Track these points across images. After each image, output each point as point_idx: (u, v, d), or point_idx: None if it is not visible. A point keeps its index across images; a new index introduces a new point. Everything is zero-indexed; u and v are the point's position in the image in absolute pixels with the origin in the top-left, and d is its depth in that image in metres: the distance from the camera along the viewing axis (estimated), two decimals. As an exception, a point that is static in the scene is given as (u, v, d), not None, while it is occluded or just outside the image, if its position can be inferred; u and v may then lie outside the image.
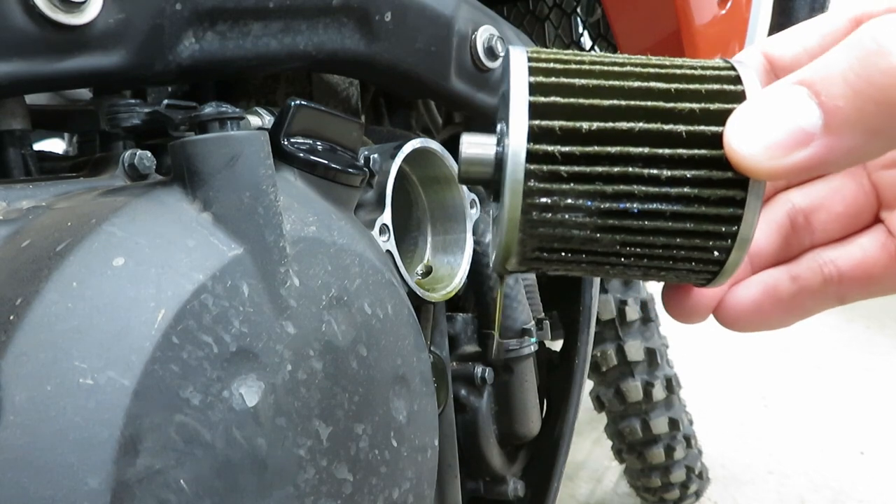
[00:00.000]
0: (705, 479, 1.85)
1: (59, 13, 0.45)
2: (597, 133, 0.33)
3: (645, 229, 0.34)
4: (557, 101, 0.33)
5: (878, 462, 2.03)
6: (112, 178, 0.52)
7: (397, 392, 0.56)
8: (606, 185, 0.33)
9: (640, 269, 0.36)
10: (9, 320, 0.39)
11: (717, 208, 0.33)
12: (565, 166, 0.33)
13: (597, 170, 0.33)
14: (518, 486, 0.90)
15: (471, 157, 0.36)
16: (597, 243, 0.34)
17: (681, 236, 0.34)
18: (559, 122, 0.33)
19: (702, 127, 0.33)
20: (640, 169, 0.33)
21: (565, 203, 0.33)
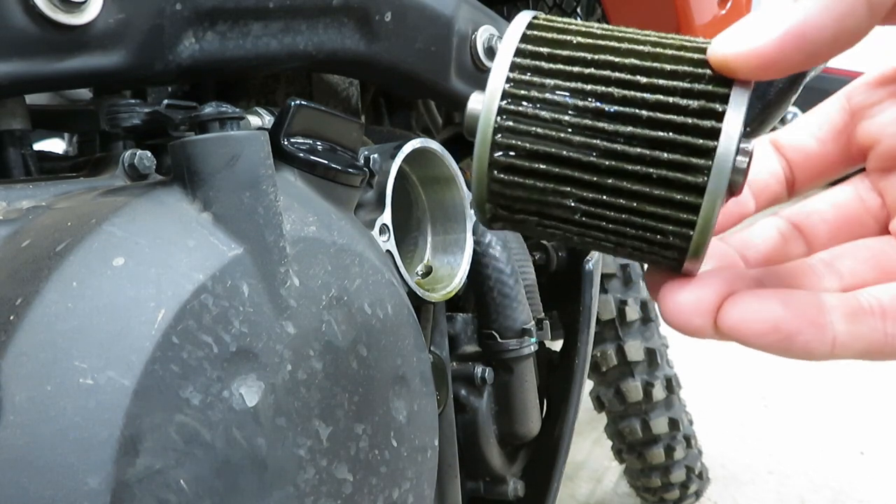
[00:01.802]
0: (705, 479, 1.84)
1: (59, 13, 0.45)
2: (586, 45, 0.34)
3: (620, 133, 0.32)
4: (556, 25, 0.35)
5: (878, 462, 2.03)
6: (112, 178, 0.52)
7: (397, 392, 0.56)
8: (585, 83, 0.33)
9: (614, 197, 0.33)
10: (9, 320, 0.39)
11: (697, 119, 0.32)
12: (549, 63, 0.34)
13: (578, 69, 0.33)
14: (518, 486, 0.90)
15: (473, 110, 0.36)
16: (569, 145, 0.33)
17: (658, 147, 0.32)
18: (553, 34, 0.34)
19: (688, 54, 0.33)
20: (621, 74, 0.33)
21: (542, 96, 0.33)
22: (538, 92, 0.33)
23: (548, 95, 0.33)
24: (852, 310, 0.31)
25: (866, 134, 0.38)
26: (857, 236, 0.39)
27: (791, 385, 2.59)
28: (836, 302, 0.32)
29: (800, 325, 0.31)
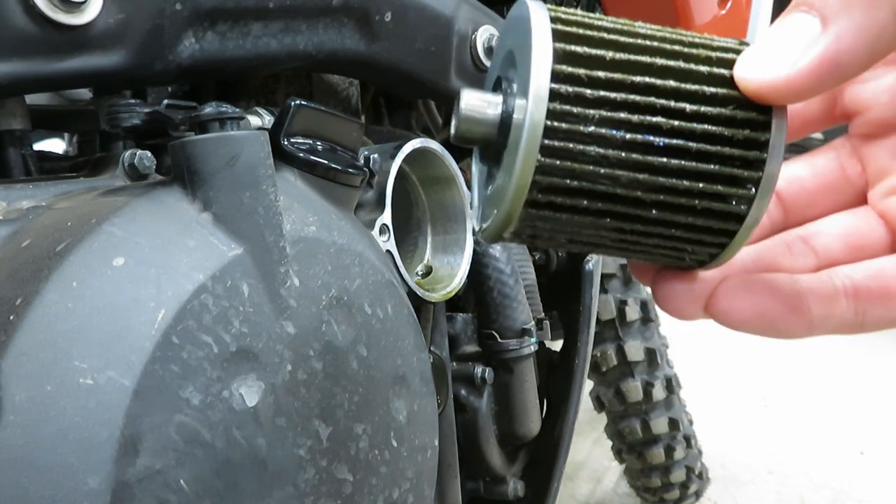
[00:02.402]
0: (705, 479, 1.85)
1: (59, 13, 0.45)
2: (621, 62, 0.32)
3: (668, 168, 0.32)
4: (579, 32, 0.32)
5: (878, 462, 2.03)
6: (112, 178, 0.52)
7: (397, 392, 0.56)
8: (632, 113, 0.31)
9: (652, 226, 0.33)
10: (9, 320, 0.39)
11: (743, 150, 0.32)
12: (591, 89, 0.31)
13: (622, 96, 0.31)
14: (518, 486, 0.90)
15: (472, 113, 0.33)
16: (616, 182, 0.31)
17: (704, 180, 0.32)
18: (584, 47, 0.31)
19: (721, 70, 0.32)
20: (666, 101, 0.31)
21: (588, 130, 0.31)
22: (583, 125, 0.31)
23: (593, 129, 0.31)
24: (827, 294, 0.35)
25: (857, 99, 0.38)
26: (834, 204, 0.40)
27: (791, 385, 2.59)
28: (814, 286, 0.35)
29: (782, 312, 0.34)
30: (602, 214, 0.32)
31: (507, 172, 0.32)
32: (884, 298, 0.34)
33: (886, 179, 0.38)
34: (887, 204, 0.38)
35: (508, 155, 0.32)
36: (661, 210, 0.32)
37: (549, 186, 0.31)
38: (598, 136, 0.31)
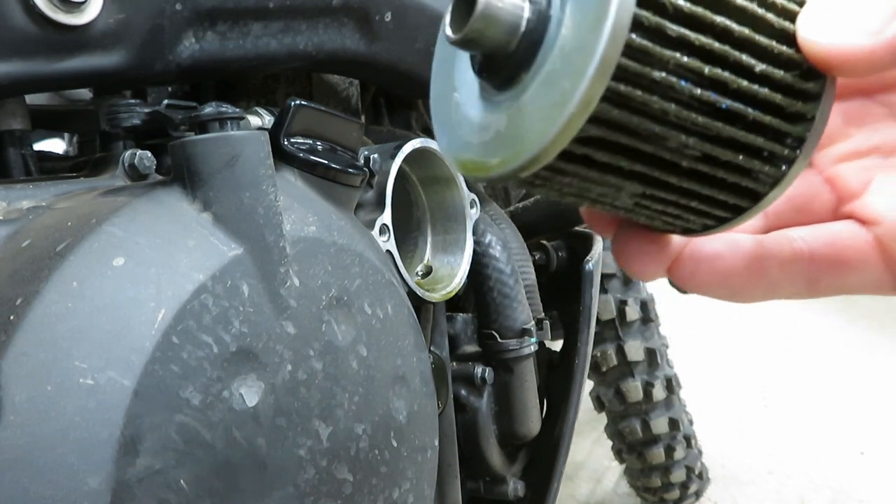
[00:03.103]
0: (705, 479, 1.84)
1: (59, 13, 0.45)
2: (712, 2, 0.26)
3: (720, 137, 0.27)
4: None
5: (878, 462, 2.03)
6: (112, 178, 0.52)
7: (397, 392, 0.56)
8: (706, 63, 0.26)
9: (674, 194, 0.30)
10: (9, 320, 0.39)
11: (789, 124, 0.29)
12: (674, 24, 0.25)
13: (701, 39, 0.26)
14: (518, 486, 0.90)
15: (495, 10, 0.26)
16: (664, 146, 0.27)
17: (746, 153, 0.28)
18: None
19: (786, 23, 0.28)
20: (739, 53, 0.27)
21: (659, 77, 0.25)
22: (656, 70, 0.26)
23: (664, 76, 0.26)
24: (786, 258, 0.34)
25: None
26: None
27: (791, 385, 2.59)
28: (774, 249, 0.34)
29: (744, 276, 0.33)
30: (632, 177, 0.28)
31: (537, 107, 0.26)
32: (837, 266, 0.34)
33: (836, 145, 0.37)
34: (836, 170, 0.37)
35: (545, 85, 0.26)
36: (692, 180, 0.29)
37: (594, 139, 0.26)
38: (666, 87, 0.26)
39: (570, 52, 0.25)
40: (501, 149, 0.27)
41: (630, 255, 0.34)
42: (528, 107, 0.26)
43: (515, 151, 0.27)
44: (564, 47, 0.25)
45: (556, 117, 0.25)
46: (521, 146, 0.26)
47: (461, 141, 0.30)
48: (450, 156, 0.31)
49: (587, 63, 0.24)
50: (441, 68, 0.33)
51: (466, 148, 0.30)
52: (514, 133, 0.27)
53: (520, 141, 0.26)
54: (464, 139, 0.30)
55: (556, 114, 0.25)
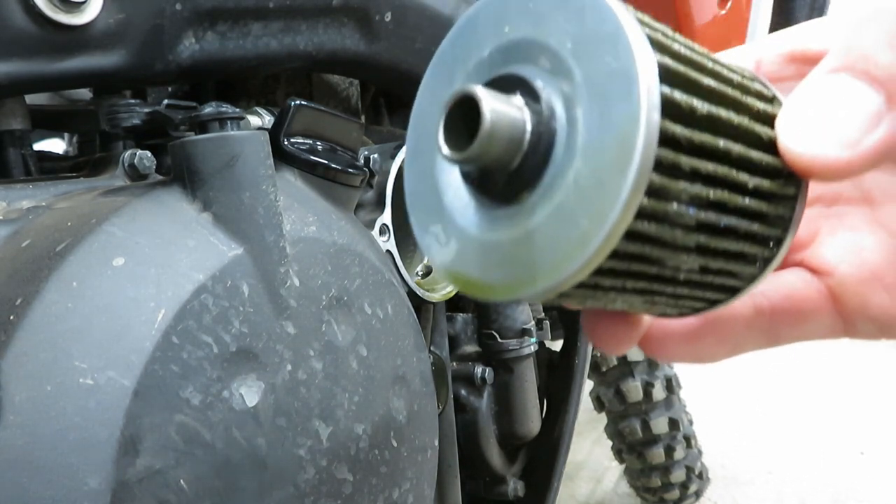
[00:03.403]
0: (705, 479, 1.85)
1: (59, 13, 0.45)
2: (709, 118, 0.26)
3: (716, 250, 0.28)
4: (670, 65, 0.25)
5: (878, 462, 2.03)
6: (112, 178, 0.52)
7: (397, 392, 0.56)
8: (711, 188, 0.26)
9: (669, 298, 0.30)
10: (9, 320, 0.39)
11: (771, 228, 0.29)
12: (688, 157, 0.25)
13: (708, 167, 0.26)
14: (518, 486, 0.90)
15: (502, 125, 0.24)
16: (666, 263, 0.27)
17: (733, 260, 0.29)
18: (679, 92, 0.25)
19: (768, 129, 0.28)
20: (737, 173, 0.27)
21: (673, 210, 0.25)
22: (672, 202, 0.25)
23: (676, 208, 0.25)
24: (749, 315, 0.35)
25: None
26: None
27: (791, 385, 2.59)
28: (738, 310, 0.35)
29: (712, 343, 0.35)
30: (631, 292, 0.28)
31: (550, 239, 0.24)
32: (795, 317, 0.35)
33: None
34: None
35: (558, 217, 0.24)
36: (683, 286, 0.29)
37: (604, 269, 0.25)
38: (677, 216, 0.25)
39: (587, 189, 0.23)
40: (506, 272, 0.26)
41: (600, 335, 0.34)
42: (538, 235, 0.25)
43: (524, 280, 0.25)
44: (579, 181, 0.24)
45: (573, 255, 0.24)
46: (532, 276, 0.25)
47: (454, 253, 0.28)
48: (441, 268, 0.28)
49: (609, 207, 0.23)
50: (417, 163, 0.31)
51: (462, 262, 0.28)
52: (521, 259, 0.25)
53: (529, 269, 0.25)
54: (457, 251, 0.28)
55: (574, 252, 0.24)
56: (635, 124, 0.22)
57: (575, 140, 0.24)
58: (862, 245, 0.35)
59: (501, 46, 0.27)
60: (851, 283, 0.34)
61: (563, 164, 0.24)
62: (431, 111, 0.30)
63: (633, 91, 0.22)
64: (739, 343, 0.36)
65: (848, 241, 0.35)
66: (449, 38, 0.29)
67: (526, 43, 0.26)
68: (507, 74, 0.27)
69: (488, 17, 0.28)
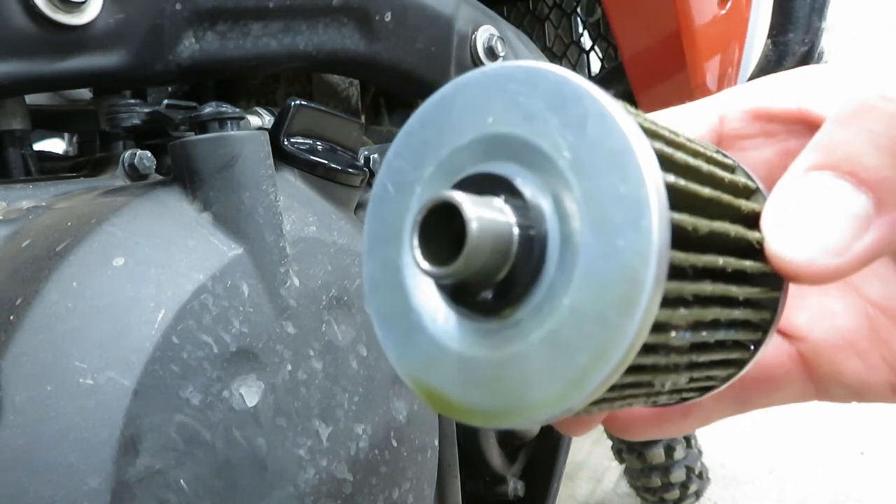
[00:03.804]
0: (705, 478, 1.84)
1: (59, 13, 0.45)
2: (710, 237, 0.24)
3: (700, 363, 0.27)
4: (676, 183, 0.23)
5: (878, 462, 2.03)
6: (112, 178, 0.52)
7: (397, 392, 0.56)
8: (706, 308, 0.25)
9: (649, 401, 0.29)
10: (9, 320, 0.39)
11: (754, 333, 0.29)
12: (690, 283, 0.23)
13: (706, 288, 0.24)
14: (518, 486, 0.90)
15: (488, 230, 0.21)
16: (653, 383, 0.26)
17: (718, 367, 0.29)
18: (686, 215, 0.23)
19: (755, 233, 0.27)
20: (731, 288, 0.26)
21: (671, 338, 0.24)
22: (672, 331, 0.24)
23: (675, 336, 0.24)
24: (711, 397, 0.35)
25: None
26: None
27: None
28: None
29: (678, 417, 0.35)
30: (616, 404, 0.27)
31: (542, 370, 0.22)
32: (766, 385, 0.35)
33: None
34: None
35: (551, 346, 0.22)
36: (664, 395, 0.28)
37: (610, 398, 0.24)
38: (673, 345, 0.24)
39: (586, 321, 0.21)
40: (487, 397, 0.23)
41: (563, 423, 0.33)
42: (526, 361, 0.22)
43: (508, 410, 0.23)
44: (577, 310, 0.21)
45: (567, 393, 0.22)
46: (517, 407, 0.23)
47: (423, 361, 0.25)
48: (409, 377, 0.25)
49: (613, 347, 0.21)
50: (379, 250, 0.27)
51: (433, 375, 0.25)
52: (505, 385, 0.23)
53: (515, 399, 0.23)
54: (427, 360, 0.25)
55: (569, 391, 0.22)
56: (646, 261, 0.20)
57: (571, 261, 0.22)
58: (833, 310, 0.34)
59: (483, 138, 0.24)
60: (825, 349, 0.34)
61: (556, 284, 0.22)
62: (397, 197, 0.26)
63: (644, 224, 0.20)
64: (708, 415, 0.35)
65: (819, 306, 0.34)
66: (418, 115, 0.26)
67: (513, 140, 0.23)
68: (489, 173, 0.24)
69: (468, 102, 0.25)
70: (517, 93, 0.23)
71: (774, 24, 1.07)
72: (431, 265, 0.22)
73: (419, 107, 0.26)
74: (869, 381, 0.33)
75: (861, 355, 0.33)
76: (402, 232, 0.26)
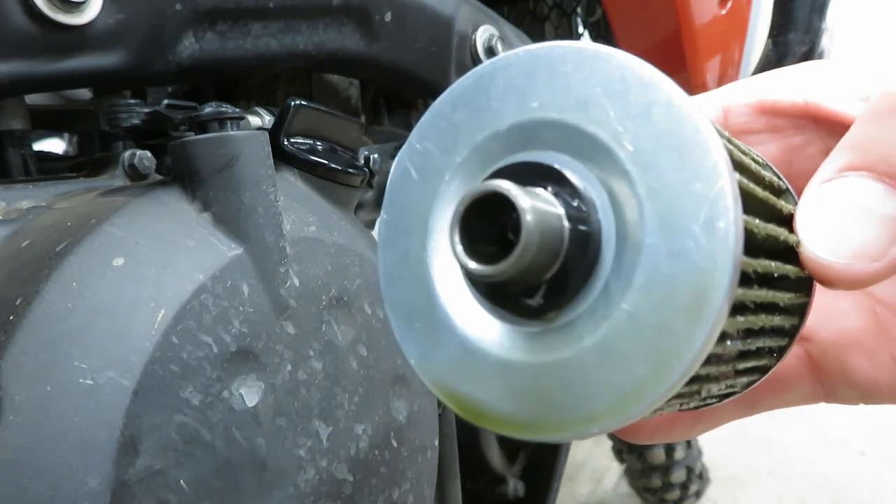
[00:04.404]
0: (705, 479, 1.84)
1: (59, 13, 0.45)
2: (766, 240, 0.23)
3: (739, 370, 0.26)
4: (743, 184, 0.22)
5: (878, 462, 2.03)
6: (112, 178, 0.52)
7: (397, 392, 0.56)
8: (757, 316, 0.24)
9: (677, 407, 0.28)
10: (9, 320, 0.39)
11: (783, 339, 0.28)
12: (752, 290, 0.23)
13: (761, 295, 0.23)
14: (518, 486, 0.90)
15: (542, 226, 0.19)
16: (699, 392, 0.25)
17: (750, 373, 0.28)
18: (751, 217, 0.22)
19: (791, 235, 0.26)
20: (775, 292, 0.25)
21: (724, 349, 0.23)
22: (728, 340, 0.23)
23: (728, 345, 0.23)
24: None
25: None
26: None
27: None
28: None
29: (689, 421, 0.34)
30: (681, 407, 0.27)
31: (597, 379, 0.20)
32: (776, 387, 0.34)
33: None
34: None
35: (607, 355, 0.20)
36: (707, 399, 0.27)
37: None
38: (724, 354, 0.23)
39: (647, 329, 0.19)
40: (525, 407, 0.21)
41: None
42: (573, 370, 0.20)
43: (554, 421, 0.21)
44: (637, 316, 0.20)
45: (622, 406, 0.20)
46: (561, 420, 0.21)
47: (449, 363, 0.23)
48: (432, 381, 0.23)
49: (678, 357, 0.19)
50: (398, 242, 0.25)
51: (461, 379, 0.22)
52: (548, 395, 0.21)
53: (559, 411, 0.21)
54: (453, 363, 0.23)
55: (623, 403, 0.20)
56: (721, 266, 0.19)
57: (630, 261, 0.20)
58: (840, 309, 0.34)
59: (526, 123, 0.22)
60: (832, 349, 0.33)
61: (612, 286, 0.20)
62: (422, 183, 0.24)
63: (722, 226, 0.19)
64: (716, 419, 0.35)
65: (825, 305, 0.33)
66: (448, 96, 0.24)
67: (563, 128, 0.21)
68: (534, 162, 0.22)
69: (509, 83, 0.22)
70: (570, 76, 0.21)
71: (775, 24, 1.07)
72: (478, 263, 0.20)
73: (449, 88, 0.24)
74: (877, 380, 0.33)
75: (869, 355, 0.33)
76: (428, 221, 0.23)
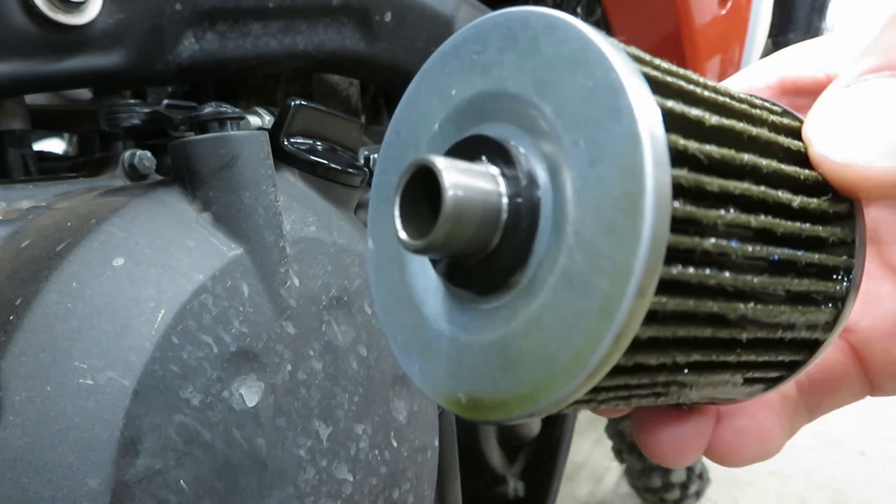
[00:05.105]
0: (705, 479, 1.85)
1: (59, 13, 0.45)
2: (721, 129, 0.22)
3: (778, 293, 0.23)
4: (665, 80, 0.21)
5: (878, 462, 2.03)
6: (112, 178, 0.52)
7: (397, 392, 0.56)
8: (750, 213, 0.22)
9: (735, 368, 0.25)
10: (9, 320, 0.39)
11: (834, 255, 0.25)
12: (709, 176, 0.21)
13: (739, 186, 0.22)
14: (518, 486, 0.90)
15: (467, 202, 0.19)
16: (722, 320, 0.22)
17: (803, 303, 0.25)
18: (682, 104, 0.21)
19: (794, 140, 0.25)
20: (776, 191, 0.23)
21: (710, 245, 0.21)
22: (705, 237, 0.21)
23: (715, 242, 0.21)
24: (794, 397, 0.34)
25: None
26: None
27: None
28: (787, 391, 0.33)
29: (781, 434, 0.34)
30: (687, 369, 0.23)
31: (563, 318, 0.19)
32: (830, 387, 0.34)
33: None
34: None
35: (566, 288, 0.19)
36: (751, 351, 0.24)
37: (645, 342, 0.20)
38: (719, 254, 0.21)
39: (595, 240, 0.19)
40: (518, 379, 0.20)
41: (663, 445, 0.29)
42: (545, 319, 0.20)
43: (543, 382, 0.20)
44: (583, 234, 0.19)
45: (599, 329, 0.18)
46: (552, 374, 0.20)
47: (446, 372, 0.23)
48: (435, 394, 0.23)
49: (630, 250, 0.18)
50: (385, 273, 0.25)
51: (458, 381, 0.22)
52: (533, 357, 0.20)
53: (546, 367, 0.20)
54: (450, 369, 0.23)
55: (599, 324, 0.18)
56: (635, 141, 0.18)
57: (563, 194, 0.20)
58: (879, 295, 0.32)
59: (451, 113, 0.23)
60: (875, 338, 0.32)
61: (555, 224, 0.20)
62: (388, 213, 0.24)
63: (624, 105, 0.18)
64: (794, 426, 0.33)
65: (864, 291, 0.31)
66: (392, 126, 0.25)
67: (478, 99, 0.22)
68: (471, 136, 0.22)
69: (430, 87, 0.24)
70: (470, 53, 0.22)
71: (775, 24, 1.07)
72: (410, 237, 0.20)
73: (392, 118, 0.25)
74: None
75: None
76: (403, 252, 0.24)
